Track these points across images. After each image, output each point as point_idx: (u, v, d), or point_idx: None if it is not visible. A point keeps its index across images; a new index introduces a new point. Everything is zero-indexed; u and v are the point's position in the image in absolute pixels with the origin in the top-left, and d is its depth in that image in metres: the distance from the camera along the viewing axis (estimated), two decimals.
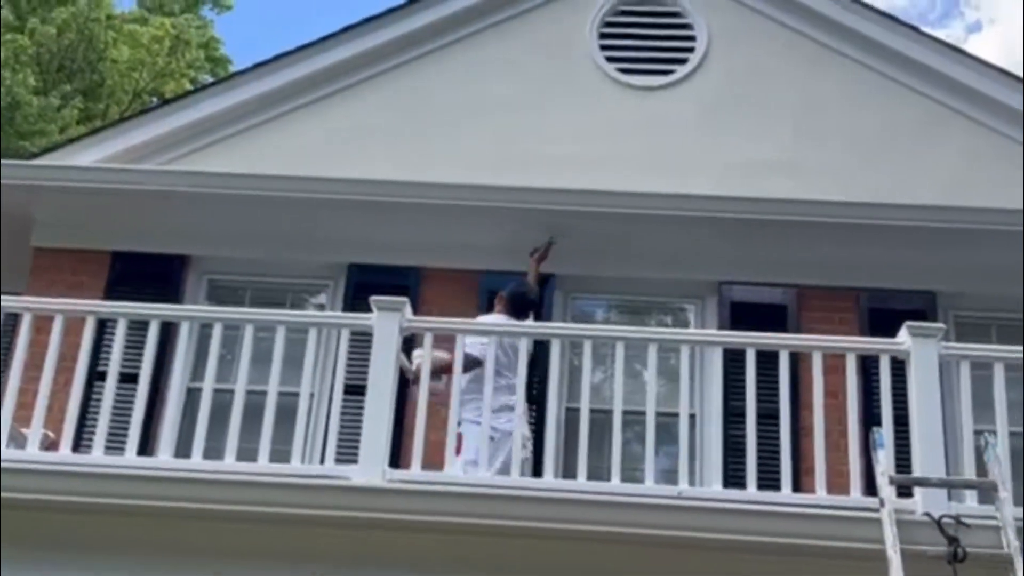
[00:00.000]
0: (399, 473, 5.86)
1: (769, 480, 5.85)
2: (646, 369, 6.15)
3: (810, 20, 9.06)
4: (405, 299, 6.17)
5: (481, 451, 6.03)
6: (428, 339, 6.15)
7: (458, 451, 6.35)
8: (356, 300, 7.70)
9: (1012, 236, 7.84)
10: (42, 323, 6.36)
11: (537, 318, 7.17)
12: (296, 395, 6.11)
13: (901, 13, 31.73)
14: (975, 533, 5.28)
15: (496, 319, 6.98)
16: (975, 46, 32.82)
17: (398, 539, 5.74)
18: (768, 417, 5.99)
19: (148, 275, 8.16)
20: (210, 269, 8.44)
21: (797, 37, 9.08)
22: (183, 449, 6.19)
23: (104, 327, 6.79)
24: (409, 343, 6.46)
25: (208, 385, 6.09)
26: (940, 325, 6.06)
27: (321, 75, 9.08)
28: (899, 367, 5.95)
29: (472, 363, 6.32)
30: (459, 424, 6.24)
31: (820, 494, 5.73)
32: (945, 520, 5.29)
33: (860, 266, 8.03)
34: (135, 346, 6.30)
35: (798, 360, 6.48)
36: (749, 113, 8.79)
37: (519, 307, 7.15)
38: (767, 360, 6.06)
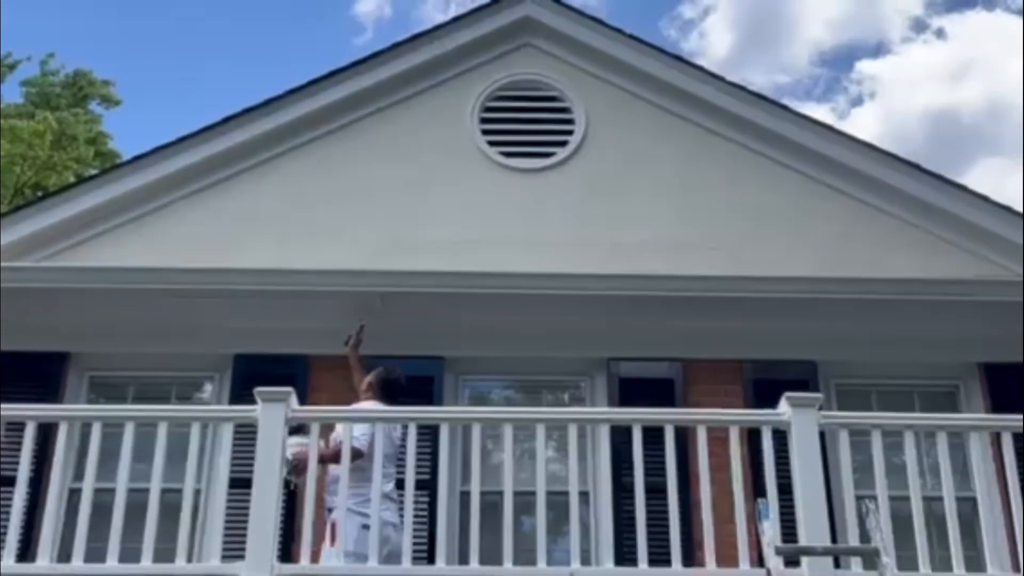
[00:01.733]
0: (288, 568, 5.76)
1: (660, 555, 5.89)
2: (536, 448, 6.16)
3: (687, 103, 9.30)
4: (290, 389, 6.12)
5: (368, 541, 5.95)
6: (315, 429, 6.10)
7: (332, 540, 6.28)
8: (243, 391, 7.59)
9: (887, 305, 8.10)
10: None
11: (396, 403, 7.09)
12: (180, 491, 5.99)
13: (786, 90, 32.89)
14: None
15: (372, 406, 6.93)
16: (857, 119, 34.06)
17: None
18: (658, 492, 6.05)
19: (28, 374, 7.94)
20: (92, 365, 8.26)
21: (675, 119, 9.31)
22: (64, 553, 6.00)
23: None
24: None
25: (88, 485, 5.94)
26: (818, 395, 6.21)
27: (205, 164, 9.03)
28: (781, 437, 6.06)
29: (355, 454, 6.25)
30: (330, 512, 6.20)
31: (711, 567, 5.78)
32: None
33: (743, 338, 8.20)
34: (13, 448, 6.12)
35: (685, 434, 6.55)
36: (630, 193, 8.96)
37: (391, 392, 7.10)
38: (654, 435, 6.13)
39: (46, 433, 6.52)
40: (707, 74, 9.50)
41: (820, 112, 34.91)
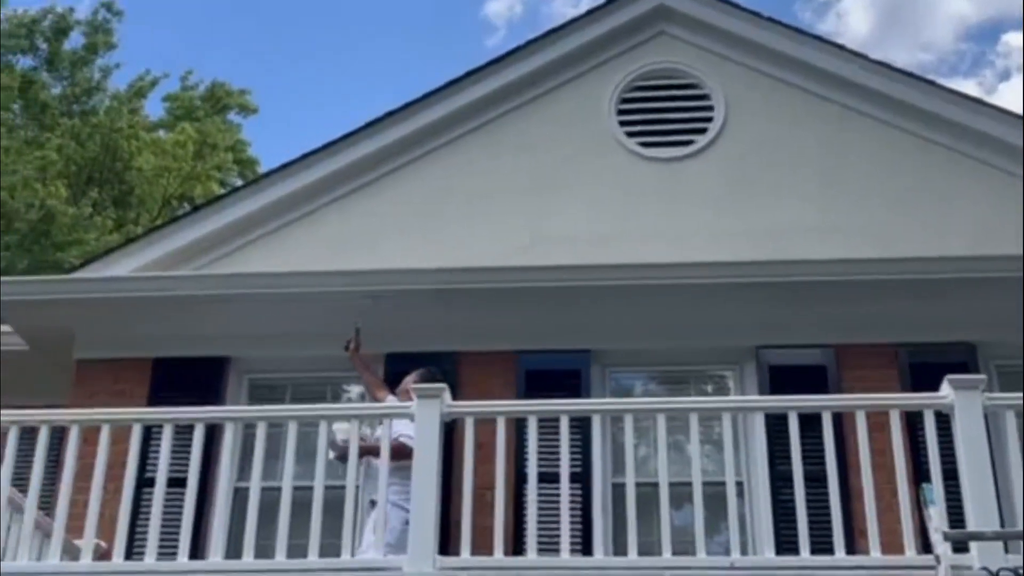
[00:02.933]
0: (450, 560, 5.85)
1: (822, 544, 5.81)
2: (689, 440, 6.14)
3: (827, 82, 9.15)
4: (444, 385, 6.22)
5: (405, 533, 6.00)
6: (469, 424, 6.18)
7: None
8: (393, 388, 7.73)
9: None
10: (89, 434, 6.45)
11: None
12: (342, 488, 6.14)
13: (931, 67, 31.97)
14: None
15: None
16: (1006, 93, 32.88)
17: None
18: (816, 480, 5.97)
19: (190, 379, 8.23)
20: (250, 369, 8.51)
21: (816, 100, 9.17)
22: (233, 550, 6.21)
23: (150, 434, 6.84)
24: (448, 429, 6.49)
25: (255, 484, 6.13)
26: (982, 376, 6.06)
27: (347, 170, 9.25)
28: (944, 421, 5.92)
29: (404, 452, 6.30)
30: (372, 504, 6.30)
31: (875, 555, 5.69)
32: (1004, 573, 5.22)
33: (897, 321, 8.00)
34: (181, 450, 6.36)
35: (841, 420, 6.44)
36: (772, 178, 8.85)
37: None
38: (810, 422, 6.05)
39: (210, 435, 6.75)
40: (848, 52, 9.33)
41: (967, 87, 33.84)
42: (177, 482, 6.30)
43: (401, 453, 6.30)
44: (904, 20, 34.96)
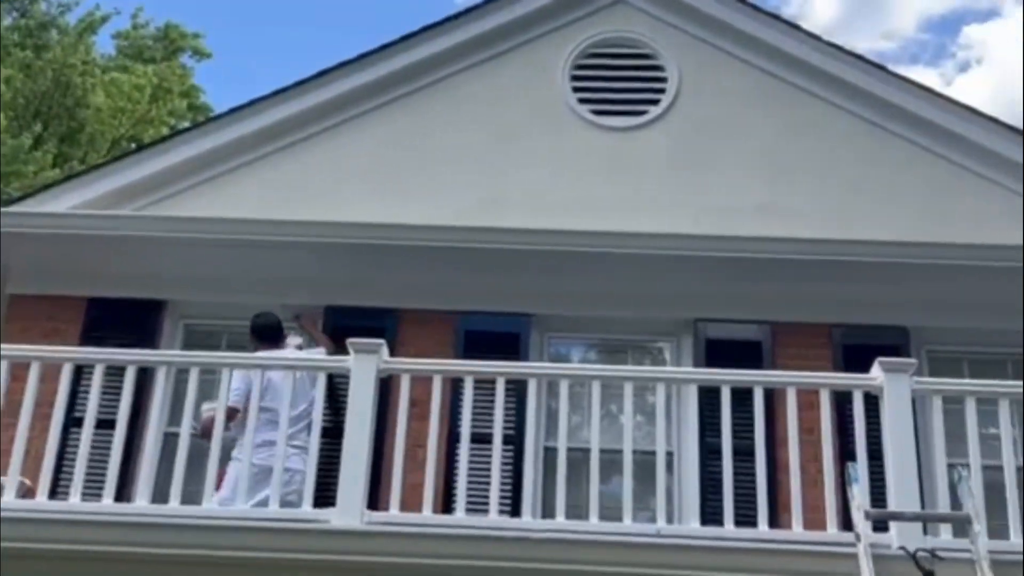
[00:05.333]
0: (378, 515, 5.87)
1: (746, 517, 5.90)
2: (622, 408, 6.19)
3: (782, 62, 9.16)
4: (382, 341, 6.22)
5: (238, 486, 6.09)
6: (405, 380, 6.19)
7: (218, 487, 6.40)
8: (334, 342, 7.70)
9: (983, 271, 7.94)
10: (19, 371, 6.37)
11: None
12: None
13: (892, 56, 32.21)
14: (950, 566, 5.33)
15: (292, 352, 7.21)
16: (964, 85, 33.22)
17: None
18: (744, 454, 6.05)
19: (124, 320, 8.14)
20: (187, 313, 8.43)
21: (769, 79, 9.17)
22: (160, 495, 6.18)
23: (81, 373, 6.77)
24: (385, 385, 6.49)
25: (185, 430, 6.10)
26: (912, 360, 6.15)
27: (299, 117, 9.11)
28: (873, 402, 6.01)
29: (230, 414, 6.42)
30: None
31: (796, 530, 5.78)
32: (921, 554, 5.33)
33: (834, 302, 8.10)
34: (112, 392, 6.30)
35: (773, 396, 6.52)
36: (722, 153, 8.88)
37: (264, 336, 7.37)
38: (743, 397, 6.12)
39: (141, 378, 6.69)
40: (805, 34, 9.34)
41: (926, 77, 34.09)
42: (106, 424, 6.25)
43: (230, 415, 6.40)
44: (869, 8, 35.18)
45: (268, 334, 7.41)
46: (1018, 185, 8.65)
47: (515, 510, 6.31)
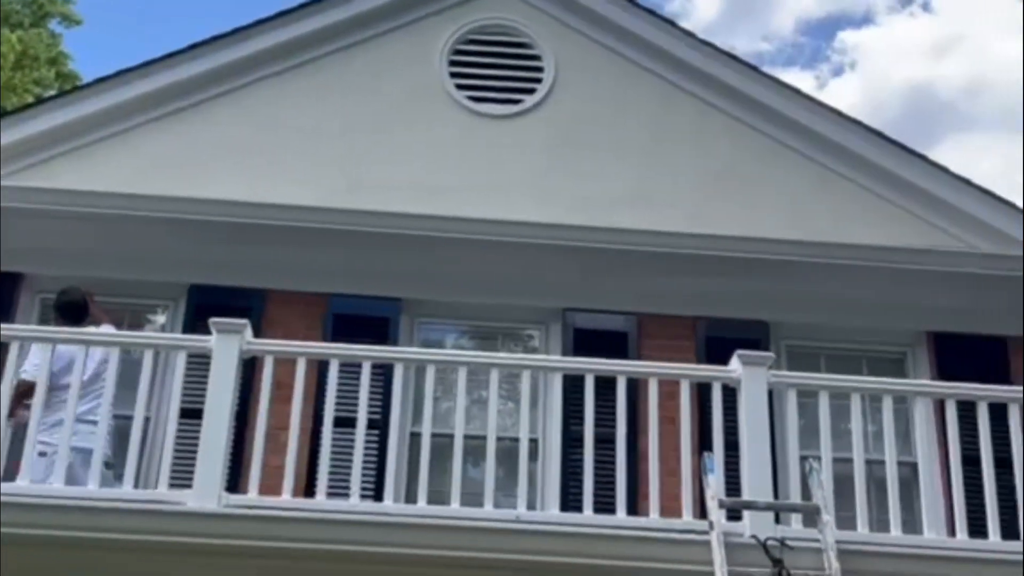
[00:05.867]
0: (236, 498, 5.79)
1: (606, 504, 5.97)
2: (488, 394, 6.20)
3: (658, 57, 9.28)
4: (245, 321, 6.12)
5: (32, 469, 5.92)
6: (269, 362, 6.10)
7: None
8: (198, 321, 7.56)
9: (842, 269, 8.21)
10: None
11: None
12: (130, 418, 5.99)
13: (769, 58, 32.91)
14: (799, 555, 5.48)
15: (108, 329, 6.97)
16: (838, 89, 34.13)
17: (234, 566, 5.66)
18: (607, 442, 6.12)
19: None
20: (43, 288, 8.18)
21: (644, 73, 9.29)
22: (10, 475, 5.98)
23: None
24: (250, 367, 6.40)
25: (36, 410, 5.91)
26: (769, 354, 6.28)
27: (167, 91, 8.89)
28: (731, 394, 6.15)
29: (27, 389, 6.21)
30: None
31: (653, 517, 5.87)
32: (770, 543, 5.47)
33: (699, 295, 8.28)
34: None
35: (636, 386, 6.62)
36: (596, 145, 8.96)
37: (66, 314, 7.07)
38: (606, 386, 6.19)
39: None
40: (680, 30, 9.47)
41: (803, 80, 34.95)
42: None
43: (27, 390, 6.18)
44: (749, 9, 35.89)
45: (70, 311, 7.07)
46: (882, 188, 8.93)
47: (378, 495, 6.27)
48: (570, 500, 6.28)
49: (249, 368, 6.42)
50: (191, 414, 6.07)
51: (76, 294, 7.18)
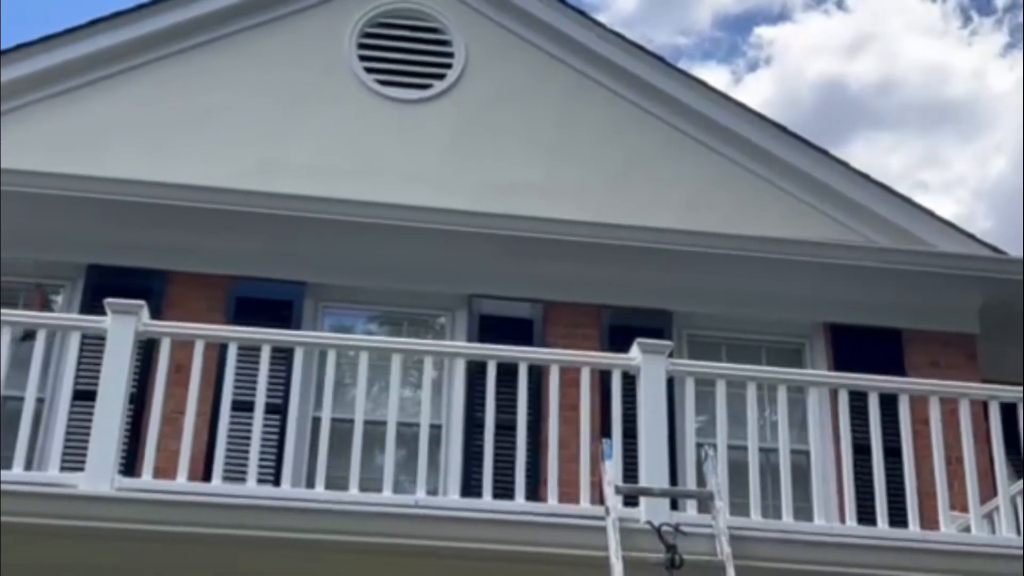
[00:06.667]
0: (129, 481, 5.69)
1: (506, 490, 5.99)
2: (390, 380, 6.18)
3: (568, 47, 9.34)
4: (142, 302, 6.01)
5: None
6: (166, 344, 6.01)
7: None
8: (95, 302, 7.41)
9: (741, 261, 8.35)
10: None
11: None
12: (21, 399, 5.85)
13: (687, 51, 33.22)
14: (692, 541, 5.54)
15: None
16: (753, 84, 34.54)
17: (128, 550, 5.58)
18: (509, 428, 6.13)
19: None
20: None
21: (554, 62, 9.35)
22: None
23: None
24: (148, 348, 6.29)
25: None
26: (668, 342, 6.35)
27: (66, 67, 8.73)
28: (631, 382, 6.20)
29: None
30: None
31: (551, 503, 5.91)
32: (665, 528, 5.52)
33: (603, 284, 8.35)
34: None
35: (540, 374, 6.66)
36: (505, 132, 8.99)
37: None
38: (509, 373, 6.21)
39: None
40: (589, 20, 9.55)
41: (719, 75, 35.29)
42: None
43: None
44: (667, 3, 36.20)
45: None
46: (785, 182, 9.09)
47: (277, 480, 6.21)
48: (472, 486, 6.30)
49: (148, 350, 6.32)
50: (86, 396, 5.96)
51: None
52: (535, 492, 6.26)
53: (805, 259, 8.38)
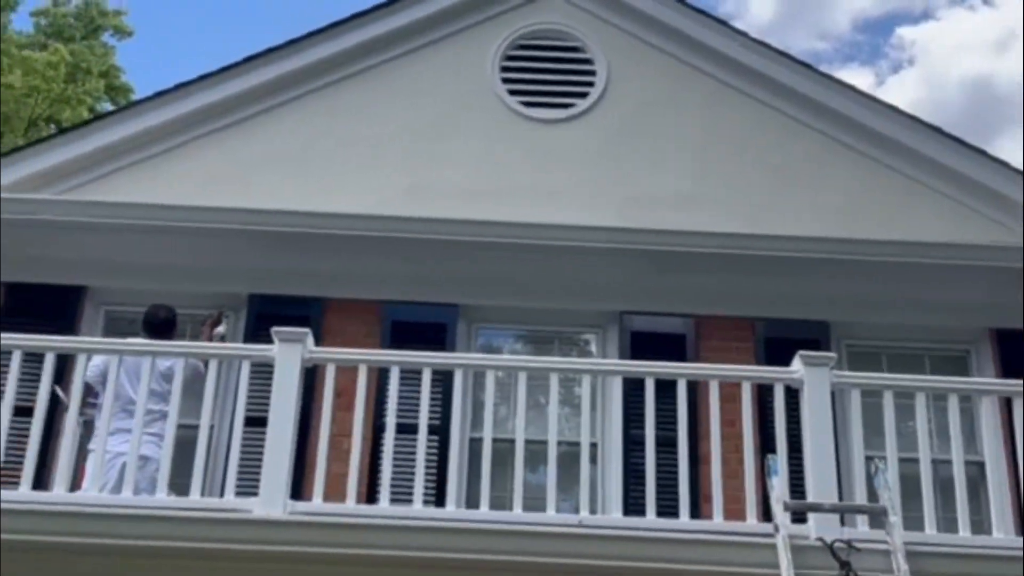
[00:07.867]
0: (301, 505, 5.84)
1: (668, 508, 5.95)
2: (548, 400, 6.21)
3: (708, 57, 9.25)
4: (307, 330, 6.18)
5: (95, 475, 6.11)
6: (330, 370, 6.15)
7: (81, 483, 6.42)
8: (258, 331, 7.65)
9: (901, 267, 8.12)
10: None
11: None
12: (196, 427, 6.06)
13: (826, 56, 32.72)
14: (866, 557, 5.43)
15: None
16: (897, 85, 33.85)
17: (300, 572, 5.71)
18: (667, 445, 6.11)
19: (44, 306, 8.00)
20: (107, 300, 8.31)
21: (696, 73, 9.27)
22: (76, 483, 6.08)
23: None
24: (311, 375, 6.45)
25: (105, 419, 6.00)
26: (832, 354, 6.24)
27: (223, 105, 9.00)
28: (793, 395, 6.10)
29: (86, 390, 6.44)
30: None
31: (717, 521, 5.85)
32: (837, 545, 5.42)
33: (756, 296, 8.22)
34: (32, 378, 6.19)
35: (696, 389, 6.59)
36: (649, 147, 8.94)
37: (152, 329, 7.20)
38: (666, 389, 6.17)
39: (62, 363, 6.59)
40: (730, 29, 9.45)
41: (861, 77, 34.68)
42: (24, 411, 6.13)
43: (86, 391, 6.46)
44: (804, 8, 35.73)
45: (155, 326, 7.22)
46: (940, 184, 8.83)
47: (439, 500, 6.30)
48: (631, 503, 6.27)
49: (310, 376, 6.47)
50: (253, 422, 6.14)
51: (165, 312, 7.33)
52: (697, 509, 6.18)
53: (967, 263, 8.10)
